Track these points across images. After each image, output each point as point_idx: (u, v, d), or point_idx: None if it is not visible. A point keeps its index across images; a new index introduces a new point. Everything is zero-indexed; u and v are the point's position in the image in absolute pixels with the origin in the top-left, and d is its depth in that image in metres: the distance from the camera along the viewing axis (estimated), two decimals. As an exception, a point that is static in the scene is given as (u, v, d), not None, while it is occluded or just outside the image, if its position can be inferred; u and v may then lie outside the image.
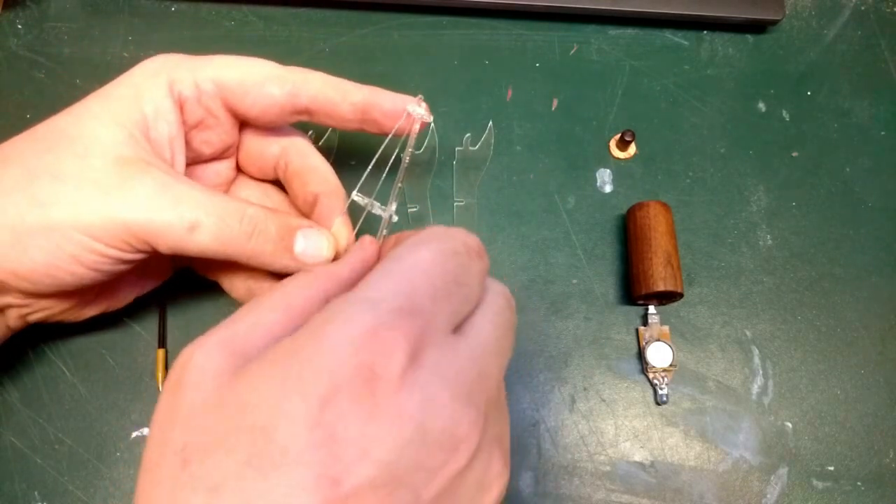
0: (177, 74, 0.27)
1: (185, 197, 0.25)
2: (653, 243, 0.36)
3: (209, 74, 0.27)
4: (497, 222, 0.39)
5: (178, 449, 0.18)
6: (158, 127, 0.27)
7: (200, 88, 0.28)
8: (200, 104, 0.28)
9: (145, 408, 0.35)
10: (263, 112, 0.29)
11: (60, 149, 0.25)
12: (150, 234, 0.25)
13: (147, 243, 0.25)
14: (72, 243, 0.24)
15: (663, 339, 0.37)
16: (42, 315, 0.29)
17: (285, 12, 0.43)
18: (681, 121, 0.43)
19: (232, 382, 0.19)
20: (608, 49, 0.44)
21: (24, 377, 0.35)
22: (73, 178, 0.24)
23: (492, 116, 0.42)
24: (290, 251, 0.27)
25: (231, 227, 0.25)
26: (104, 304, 0.31)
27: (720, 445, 0.36)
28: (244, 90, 0.28)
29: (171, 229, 0.25)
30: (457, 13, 0.44)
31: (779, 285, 0.39)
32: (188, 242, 0.25)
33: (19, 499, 0.33)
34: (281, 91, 0.28)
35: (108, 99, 0.26)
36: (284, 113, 0.29)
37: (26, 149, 0.25)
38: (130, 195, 0.24)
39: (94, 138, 0.25)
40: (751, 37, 0.45)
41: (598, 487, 0.35)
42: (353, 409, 0.17)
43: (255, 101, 0.28)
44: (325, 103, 0.29)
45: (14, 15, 0.42)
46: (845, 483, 0.35)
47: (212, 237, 0.25)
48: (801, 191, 0.41)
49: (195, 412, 0.19)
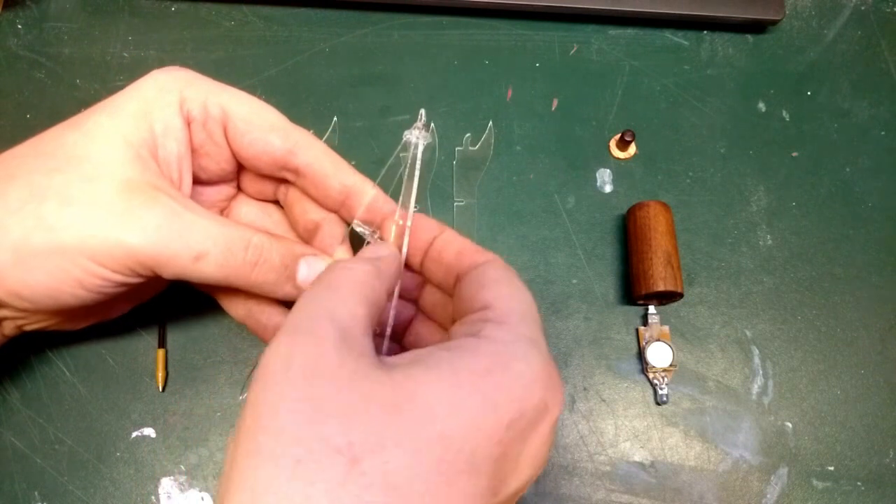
0: (188, 93, 0.27)
1: (193, 226, 0.25)
2: (653, 243, 0.36)
3: (220, 100, 0.27)
4: (497, 222, 0.39)
5: (340, 446, 0.18)
6: (167, 145, 0.27)
7: (208, 112, 0.27)
8: (205, 128, 0.28)
9: (145, 408, 0.35)
10: (256, 157, 0.28)
11: (69, 170, 0.25)
12: (157, 262, 0.25)
13: (151, 270, 0.25)
14: (77, 267, 0.24)
15: (663, 339, 0.37)
16: (37, 326, 0.29)
17: (285, 12, 0.43)
18: (681, 121, 0.43)
19: (395, 382, 0.19)
20: (608, 49, 0.44)
21: (24, 377, 0.35)
22: (81, 202, 0.24)
23: (492, 116, 0.42)
24: (293, 280, 0.27)
25: (236, 257, 0.25)
26: (100, 315, 0.31)
27: (720, 445, 0.36)
28: (247, 128, 0.28)
29: (177, 259, 0.24)
30: (457, 13, 0.44)
31: (779, 285, 0.39)
32: (193, 271, 0.25)
33: (19, 499, 0.33)
34: (281, 144, 0.28)
35: (117, 113, 0.26)
36: (275, 166, 0.29)
37: (34, 166, 0.25)
38: (138, 223, 0.24)
39: (102, 160, 0.25)
40: (751, 37, 0.45)
41: (598, 487, 0.35)
42: (525, 434, 0.20)
43: (252, 143, 0.28)
44: (318, 172, 0.28)
45: (14, 15, 0.42)
46: (845, 483, 0.35)
47: (217, 267, 0.25)
48: (801, 191, 0.41)
49: (354, 408, 0.18)
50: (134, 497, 0.33)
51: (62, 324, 0.30)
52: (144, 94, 0.26)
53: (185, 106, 0.27)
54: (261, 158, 0.28)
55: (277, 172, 0.29)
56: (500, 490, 0.20)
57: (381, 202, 0.29)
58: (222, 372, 0.36)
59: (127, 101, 0.26)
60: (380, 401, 0.19)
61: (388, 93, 0.42)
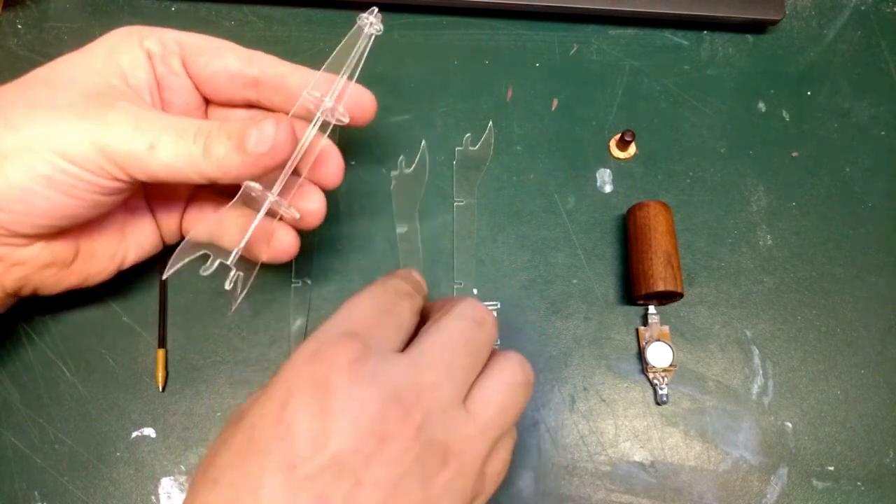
0: (145, 34, 0.30)
1: (148, 120, 0.26)
2: (653, 243, 0.36)
3: (173, 36, 0.30)
4: (497, 222, 0.39)
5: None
6: (137, 74, 0.29)
7: (165, 46, 0.30)
8: (164, 62, 0.30)
9: (145, 408, 0.35)
10: (215, 75, 0.30)
11: (37, 85, 0.27)
12: (117, 153, 0.26)
13: (118, 167, 0.26)
14: (45, 163, 0.25)
15: (663, 339, 0.37)
16: (21, 272, 0.29)
17: (285, 12, 0.43)
18: (681, 121, 0.43)
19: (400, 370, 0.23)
20: (608, 49, 0.44)
21: (24, 377, 0.35)
22: (46, 105, 0.26)
23: (492, 116, 0.42)
24: (243, 149, 0.26)
25: (186, 140, 0.26)
26: (83, 271, 0.31)
27: (720, 445, 0.36)
28: (200, 49, 0.30)
29: (133, 150, 0.26)
30: (457, 13, 0.44)
31: (779, 285, 0.39)
32: (151, 162, 0.26)
33: (19, 499, 0.33)
34: (235, 59, 0.30)
35: (84, 55, 0.29)
36: (235, 83, 0.31)
37: (5, 89, 0.27)
38: (98, 119, 0.26)
39: (68, 79, 0.27)
40: (751, 37, 0.45)
41: (598, 487, 0.35)
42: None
43: (208, 61, 0.30)
44: (275, 75, 0.30)
45: (14, 15, 0.42)
46: (845, 483, 0.35)
47: (172, 155, 0.26)
48: (801, 191, 0.41)
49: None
50: (134, 497, 0.33)
51: (45, 274, 0.30)
52: (109, 40, 0.29)
53: (144, 44, 0.29)
54: (219, 79, 0.30)
55: (240, 93, 0.31)
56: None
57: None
58: (222, 372, 0.36)
59: (94, 45, 0.29)
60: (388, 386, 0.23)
61: (388, 93, 0.42)
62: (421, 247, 0.38)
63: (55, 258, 0.29)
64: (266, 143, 0.26)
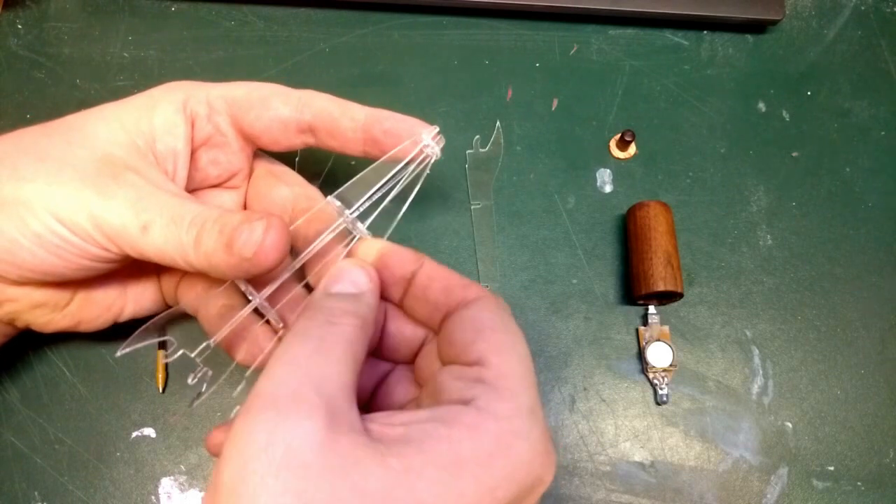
0: (191, 92, 0.29)
1: (148, 199, 0.25)
2: (653, 243, 0.36)
3: (220, 92, 0.29)
4: (497, 222, 0.39)
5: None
6: (166, 140, 0.28)
7: (212, 106, 0.29)
8: (210, 121, 0.29)
9: (145, 408, 0.35)
10: (268, 127, 0.29)
11: (57, 135, 0.26)
12: (110, 228, 0.25)
13: (110, 240, 0.25)
14: (38, 221, 0.24)
15: (663, 339, 0.37)
16: (13, 308, 0.28)
17: (285, 12, 0.43)
18: (681, 121, 0.43)
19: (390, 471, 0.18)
20: (608, 49, 0.44)
21: (24, 377, 0.35)
22: (56, 160, 0.25)
23: (492, 116, 0.42)
24: (230, 248, 0.24)
25: (179, 228, 0.25)
26: (76, 315, 0.30)
27: (720, 445, 0.36)
28: (249, 104, 0.29)
29: (126, 228, 0.25)
30: (457, 13, 0.44)
31: (779, 285, 0.39)
32: (143, 244, 0.25)
33: (19, 499, 0.33)
34: (285, 106, 0.29)
35: (123, 106, 0.28)
36: (289, 130, 0.29)
37: (27, 132, 0.26)
38: (99, 188, 0.25)
39: (91, 133, 0.26)
40: (751, 37, 0.45)
41: (598, 487, 0.35)
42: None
43: (259, 115, 0.29)
44: (328, 119, 0.29)
45: (14, 15, 0.42)
46: (845, 483, 0.35)
47: (163, 240, 0.25)
48: (801, 191, 0.41)
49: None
50: (134, 497, 0.33)
51: (36, 314, 0.29)
52: (152, 93, 0.28)
53: (188, 104, 0.28)
54: (273, 127, 0.29)
55: (298, 138, 0.30)
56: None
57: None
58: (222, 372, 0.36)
59: (135, 98, 0.28)
60: (373, 495, 0.18)
61: (388, 93, 0.42)
62: (495, 220, 0.39)
63: (48, 300, 0.29)
64: (251, 248, 0.24)
